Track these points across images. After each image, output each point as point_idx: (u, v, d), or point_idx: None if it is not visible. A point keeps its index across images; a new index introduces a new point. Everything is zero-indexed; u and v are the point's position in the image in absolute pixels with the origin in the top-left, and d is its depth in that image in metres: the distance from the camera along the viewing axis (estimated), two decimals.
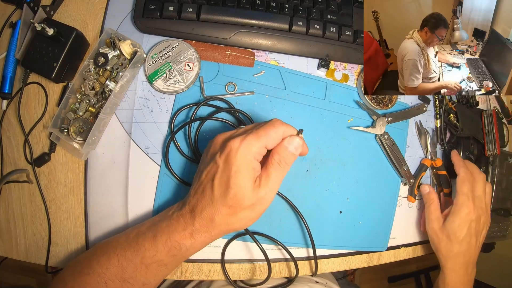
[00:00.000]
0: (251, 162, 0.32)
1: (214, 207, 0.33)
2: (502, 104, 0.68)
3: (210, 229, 0.33)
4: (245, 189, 0.32)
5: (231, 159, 0.32)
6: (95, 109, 0.43)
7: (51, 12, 0.45)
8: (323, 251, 0.50)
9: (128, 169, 0.45)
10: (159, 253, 0.33)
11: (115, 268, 0.34)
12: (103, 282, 0.33)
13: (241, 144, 0.32)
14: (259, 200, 0.33)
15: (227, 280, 0.46)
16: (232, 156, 0.32)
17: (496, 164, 0.63)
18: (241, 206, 0.32)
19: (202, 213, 0.33)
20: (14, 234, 0.44)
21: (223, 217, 0.33)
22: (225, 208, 0.32)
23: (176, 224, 0.34)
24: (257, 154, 0.33)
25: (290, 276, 0.49)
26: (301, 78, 0.51)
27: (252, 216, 0.34)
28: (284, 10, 0.49)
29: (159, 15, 0.46)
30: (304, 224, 0.47)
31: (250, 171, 0.32)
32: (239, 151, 0.32)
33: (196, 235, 0.33)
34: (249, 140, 0.32)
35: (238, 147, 0.32)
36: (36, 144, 0.45)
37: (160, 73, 0.45)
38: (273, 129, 0.33)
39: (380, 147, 0.54)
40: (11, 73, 0.45)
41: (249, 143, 0.32)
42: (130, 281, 0.34)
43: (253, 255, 0.47)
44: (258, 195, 0.32)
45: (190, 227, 0.33)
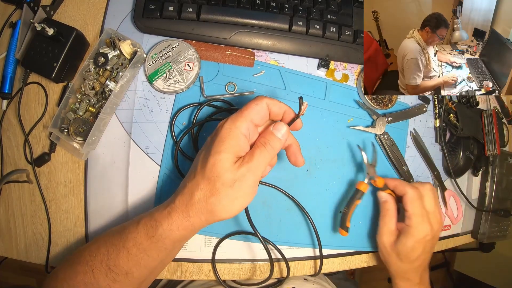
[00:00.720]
0: (235, 134, 0.32)
1: (195, 181, 0.32)
2: (502, 104, 0.68)
3: (188, 207, 0.32)
4: (225, 159, 0.31)
5: (217, 132, 0.33)
6: (95, 109, 0.43)
7: (51, 12, 0.45)
8: (324, 251, 0.50)
9: (128, 169, 0.45)
10: (139, 234, 0.33)
11: (102, 255, 0.34)
12: (90, 270, 0.33)
13: (227, 120, 0.33)
14: (240, 177, 0.32)
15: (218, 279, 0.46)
16: (219, 130, 0.33)
17: (496, 164, 0.63)
18: (220, 178, 0.31)
19: (184, 189, 0.33)
20: (14, 234, 0.44)
21: (202, 192, 0.32)
22: (205, 181, 0.32)
23: (161, 205, 0.35)
24: (244, 129, 0.33)
25: (281, 276, 0.48)
26: (301, 78, 0.51)
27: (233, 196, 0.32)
28: (284, 10, 0.49)
29: (159, 15, 0.46)
30: (311, 223, 0.47)
31: (232, 142, 0.32)
32: (225, 125, 0.33)
33: (173, 214, 0.32)
34: (234, 115, 0.34)
35: (224, 123, 0.33)
36: (36, 144, 0.45)
37: (160, 73, 0.45)
38: (255, 102, 0.34)
39: (380, 147, 0.54)
40: (11, 73, 0.45)
41: (234, 117, 0.33)
42: (113, 269, 0.33)
43: (246, 255, 0.47)
44: (239, 171, 0.32)
45: (171, 205, 0.33)
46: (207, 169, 0.32)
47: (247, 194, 0.33)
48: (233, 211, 0.33)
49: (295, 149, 0.37)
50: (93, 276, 0.33)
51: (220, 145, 0.32)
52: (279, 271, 0.48)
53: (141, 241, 0.33)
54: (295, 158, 0.37)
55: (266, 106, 0.34)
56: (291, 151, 0.37)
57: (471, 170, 0.63)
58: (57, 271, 0.36)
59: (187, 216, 0.32)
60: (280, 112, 0.35)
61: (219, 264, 0.46)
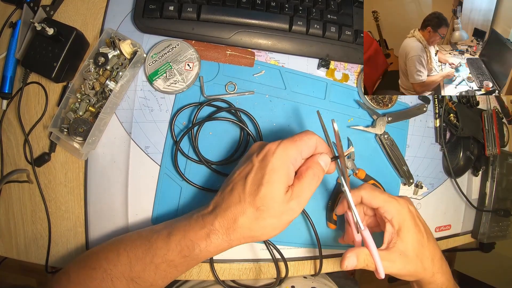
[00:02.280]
0: (287, 165, 0.32)
1: (241, 206, 0.31)
2: (502, 104, 0.68)
3: (230, 231, 0.32)
4: (277, 191, 0.31)
5: (268, 158, 0.32)
6: (95, 109, 0.43)
7: (51, 12, 0.45)
8: (324, 251, 0.50)
9: (128, 169, 0.44)
10: (170, 251, 0.32)
11: (124, 266, 0.33)
12: (109, 279, 0.33)
13: (279, 146, 0.33)
14: (288, 211, 0.32)
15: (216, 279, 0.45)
16: (270, 156, 0.32)
17: (496, 164, 0.63)
18: (269, 210, 0.31)
19: (226, 212, 0.31)
20: (14, 234, 0.44)
21: (248, 219, 0.31)
22: (252, 209, 0.31)
23: (194, 223, 0.33)
24: (293, 159, 0.33)
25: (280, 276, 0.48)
26: (301, 78, 0.51)
27: (276, 226, 0.32)
28: (284, 10, 0.49)
29: (159, 15, 0.45)
30: (311, 224, 0.47)
31: (285, 173, 0.32)
32: (277, 152, 0.32)
33: (212, 236, 0.32)
34: (286, 143, 0.33)
35: (275, 149, 0.32)
36: (36, 144, 0.45)
37: (160, 73, 0.45)
38: (307, 136, 0.34)
39: (380, 147, 0.54)
40: (11, 73, 0.45)
41: (286, 146, 0.33)
42: (137, 281, 0.33)
43: (247, 255, 0.47)
44: (288, 205, 0.32)
45: (209, 226, 0.32)
46: (258, 198, 0.31)
47: (288, 223, 0.33)
48: (271, 236, 0.33)
49: None
50: (112, 285, 0.33)
51: (273, 175, 0.31)
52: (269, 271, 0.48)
53: (172, 258, 0.32)
54: None
55: (315, 142, 0.35)
56: None
57: (471, 170, 0.63)
58: (69, 272, 0.35)
59: (227, 240, 0.32)
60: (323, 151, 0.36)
61: (220, 264, 0.46)
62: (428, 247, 0.39)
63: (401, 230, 0.38)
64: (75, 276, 0.34)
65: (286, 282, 0.49)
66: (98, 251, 0.36)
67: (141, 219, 0.44)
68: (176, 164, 0.45)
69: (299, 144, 0.33)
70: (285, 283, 0.49)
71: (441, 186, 0.60)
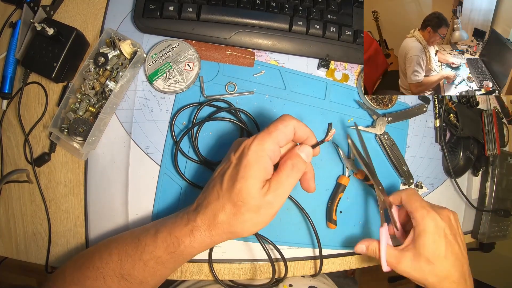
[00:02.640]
0: (263, 159, 0.32)
1: (219, 202, 0.32)
2: (502, 104, 0.68)
3: (211, 227, 0.32)
4: (253, 186, 0.31)
5: (244, 155, 0.32)
6: (95, 109, 0.43)
7: (51, 12, 0.45)
8: (324, 251, 0.50)
9: (128, 169, 0.45)
10: (157, 248, 0.33)
11: (114, 263, 0.34)
12: (102, 277, 0.33)
13: (254, 141, 0.32)
14: (266, 205, 0.32)
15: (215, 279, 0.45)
16: (245, 152, 0.32)
17: (496, 164, 0.63)
18: (246, 205, 0.31)
19: (207, 208, 0.32)
20: (14, 234, 0.44)
21: (227, 215, 0.32)
22: (229, 204, 0.32)
23: (179, 220, 0.34)
24: (270, 151, 0.32)
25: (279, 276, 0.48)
26: (301, 78, 0.51)
27: (257, 221, 0.32)
28: (284, 10, 0.49)
29: (159, 15, 0.46)
30: (311, 223, 0.47)
31: (260, 167, 0.32)
32: (252, 147, 0.32)
33: (195, 233, 0.33)
34: (261, 136, 0.33)
35: (251, 144, 0.32)
36: (36, 144, 0.45)
37: (160, 73, 0.45)
38: (283, 123, 0.33)
39: (380, 147, 0.54)
40: (11, 73, 0.45)
41: (261, 138, 0.32)
42: (127, 278, 0.33)
43: (246, 255, 0.47)
44: (266, 199, 0.32)
45: (192, 223, 0.33)
46: (234, 194, 0.31)
47: (270, 217, 0.33)
48: (253, 232, 0.34)
49: (310, 176, 0.37)
50: (105, 283, 0.33)
51: (247, 170, 0.31)
52: (278, 270, 0.48)
53: (159, 255, 0.33)
54: (308, 184, 0.37)
55: (293, 128, 0.34)
56: (305, 177, 0.37)
57: (471, 170, 0.63)
58: (64, 272, 0.36)
59: (209, 235, 0.33)
60: (304, 136, 0.35)
61: (220, 264, 0.46)
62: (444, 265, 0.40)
63: (420, 237, 0.40)
64: (70, 276, 0.35)
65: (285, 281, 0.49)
66: (93, 250, 0.37)
67: (141, 219, 0.44)
68: (176, 164, 0.45)
69: (274, 135, 0.32)
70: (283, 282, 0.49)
71: (441, 186, 0.60)
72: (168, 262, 0.34)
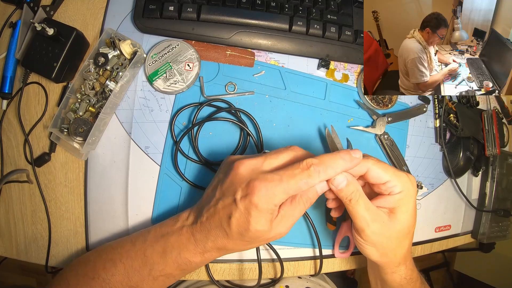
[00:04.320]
0: (271, 211, 0.31)
1: (229, 240, 0.32)
2: (502, 104, 0.68)
3: (221, 251, 0.34)
4: (263, 232, 0.31)
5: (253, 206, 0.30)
6: (95, 109, 0.43)
7: (51, 12, 0.45)
8: (324, 251, 0.50)
9: (128, 169, 0.45)
10: (168, 267, 0.34)
11: (121, 276, 0.34)
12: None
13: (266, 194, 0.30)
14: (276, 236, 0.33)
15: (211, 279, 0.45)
16: (254, 203, 0.30)
17: (496, 164, 0.63)
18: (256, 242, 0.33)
19: (216, 239, 0.33)
20: (14, 234, 0.44)
21: (236, 245, 0.33)
22: (241, 242, 0.33)
23: (186, 242, 0.34)
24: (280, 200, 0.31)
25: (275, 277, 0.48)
26: (301, 78, 0.51)
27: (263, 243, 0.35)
28: (284, 10, 0.49)
29: (159, 15, 0.45)
30: (311, 224, 0.47)
31: (269, 216, 0.31)
32: (262, 200, 0.30)
33: (206, 254, 0.34)
34: (275, 189, 0.30)
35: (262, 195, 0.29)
36: (36, 144, 0.45)
37: (160, 73, 0.45)
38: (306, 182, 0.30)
39: (380, 147, 0.54)
40: (11, 73, 0.45)
41: (274, 192, 0.30)
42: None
43: (244, 255, 0.47)
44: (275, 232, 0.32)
45: (201, 247, 0.33)
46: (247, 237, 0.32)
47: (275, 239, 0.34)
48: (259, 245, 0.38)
49: None
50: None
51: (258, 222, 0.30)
52: (274, 271, 0.48)
53: (171, 272, 0.34)
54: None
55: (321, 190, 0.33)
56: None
57: (471, 170, 0.63)
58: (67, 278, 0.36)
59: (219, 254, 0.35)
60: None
61: (218, 264, 0.46)
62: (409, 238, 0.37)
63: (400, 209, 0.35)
64: (75, 285, 0.35)
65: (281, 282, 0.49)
66: (93, 259, 0.36)
67: (141, 219, 0.44)
68: (176, 164, 0.45)
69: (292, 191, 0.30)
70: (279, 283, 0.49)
71: (441, 186, 0.60)
72: (179, 275, 0.36)
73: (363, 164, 0.33)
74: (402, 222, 0.35)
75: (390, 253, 0.36)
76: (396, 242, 0.36)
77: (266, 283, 0.48)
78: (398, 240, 0.36)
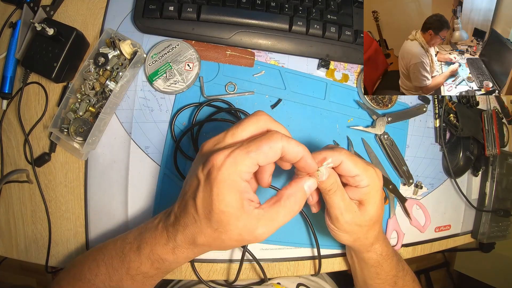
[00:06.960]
0: (236, 184, 0.27)
1: (197, 226, 0.29)
2: (502, 104, 0.68)
3: (192, 246, 0.31)
4: (230, 215, 0.28)
5: (213, 178, 0.27)
6: (95, 109, 0.43)
7: (51, 12, 0.45)
8: (322, 251, 0.50)
9: (128, 169, 0.45)
10: (143, 265, 0.32)
11: (103, 275, 0.34)
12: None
13: (226, 161, 0.27)
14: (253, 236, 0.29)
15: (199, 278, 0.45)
16: (214, 175, 0.27)
17: (496, 164, 0.63)
18: (227, 231, 0.28)
19: (185, 229, 0.30)
20: (14, 234, 0.44)
21: (207, 238, 0.29)
22: (209, 230, 0.29)
23: (159, 236, 0.32)
24: (245, 173, 0.27)
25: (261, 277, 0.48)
26: (301, 78, 0.51)
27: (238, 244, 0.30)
28: (284, 10, 0.49)
29: (159, 15, 0.46)
30: (309, 224, 0.47)
31: (235, 194, 0.27)
32: (222, 170, 0.27)
33: (177, 251, 0.31)
34: (236, 156, 0.27)
35: (221, 164, 0.27)
36: (36, 144, 0.45)
37: (160, 73, 0.45)
38: (268, 143, 0.27)
39: (380, 147, 0.54)
40: (11, 73, 0.45)
41: (235, 160, 0.27)
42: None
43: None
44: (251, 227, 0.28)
45: (172, 242, 0.31)
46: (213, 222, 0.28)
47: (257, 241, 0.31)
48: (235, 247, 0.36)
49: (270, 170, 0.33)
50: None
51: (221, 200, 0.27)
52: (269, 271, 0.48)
53: (146, 270, 0.33)
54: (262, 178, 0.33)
55: (281, 150, 0.28)
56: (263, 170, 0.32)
57: (471, 170, 0.63)
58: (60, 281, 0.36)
59: (192, 253, 0.32)
60: (295, 159, 0.30)
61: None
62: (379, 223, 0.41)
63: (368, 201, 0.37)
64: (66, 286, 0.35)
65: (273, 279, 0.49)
66: (83, 260, 0.37)
67: (141, 219, 0.44)
68: (176, 164, 0.45)
69: (253, 156, 0.27)
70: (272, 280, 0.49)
71: (441, 186, 0.60)
72: (156, 276, 0.34)
73: (338, 156, 0.35)
74: (371, 213, 0.38)
75: (362, 237, 0.40)
76: (367, 228, 0.39)
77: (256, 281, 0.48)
78: (368, 227, 0.39)
